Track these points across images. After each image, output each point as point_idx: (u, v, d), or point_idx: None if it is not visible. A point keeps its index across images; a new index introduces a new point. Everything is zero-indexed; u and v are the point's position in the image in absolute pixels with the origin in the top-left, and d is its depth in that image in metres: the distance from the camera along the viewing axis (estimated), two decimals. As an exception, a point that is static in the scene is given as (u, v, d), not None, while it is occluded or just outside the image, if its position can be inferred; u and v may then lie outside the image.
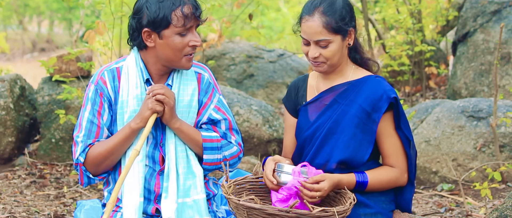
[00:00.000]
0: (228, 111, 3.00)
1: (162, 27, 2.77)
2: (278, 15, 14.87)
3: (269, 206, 2.59)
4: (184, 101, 2.90)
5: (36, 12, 20.50)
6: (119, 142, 2.82)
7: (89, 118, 2.86)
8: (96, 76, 2.92)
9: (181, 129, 2.85)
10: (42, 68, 5.34)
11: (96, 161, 2.83)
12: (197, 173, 2.89)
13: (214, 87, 3.01)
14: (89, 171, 2.86)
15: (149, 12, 2.76)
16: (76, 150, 2.86)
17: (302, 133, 2.96)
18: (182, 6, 2.77)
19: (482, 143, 4.87)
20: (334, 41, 2.83)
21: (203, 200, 2.87)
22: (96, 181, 2.91)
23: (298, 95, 3.05)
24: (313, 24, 2.81)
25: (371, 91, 2.86)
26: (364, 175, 2.85)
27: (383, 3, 8.68)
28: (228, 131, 2.96)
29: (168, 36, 2.78)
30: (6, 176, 5.03)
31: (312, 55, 2.85)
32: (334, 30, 2.82)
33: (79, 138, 2.86)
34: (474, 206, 4.38)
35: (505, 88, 5.95)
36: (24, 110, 5.41)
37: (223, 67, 7.72)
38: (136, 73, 2.87)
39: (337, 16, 2.82)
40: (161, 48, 2.81)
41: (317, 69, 2.91)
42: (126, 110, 2.86)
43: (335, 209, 2.56)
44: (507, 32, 6.09)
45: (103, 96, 2.88)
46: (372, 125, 2.85)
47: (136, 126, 2.79)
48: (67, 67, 5.31)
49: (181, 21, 2.76)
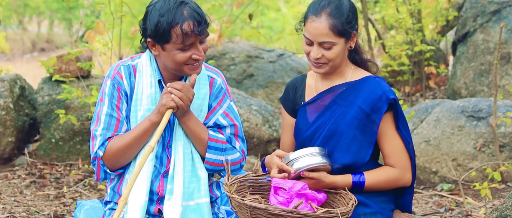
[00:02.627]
0: (237, 118, 2.97)
1: (163, 41, 2.74)
2: (278, 15, 14.86)
3: (274, 206, 2.58)
4: (194, 104, 2.89)
5: (36, 12, 20.50)
6: (138, 135, 2.80)
7: (108, 112, 2.84)
8: (113, 71, 2.90)
9: (187, 123, 2.83)
10: (42, 68, 5.34)
11: (115, 155, 2.81)
12: (201, 176, 2.87)
13: (226, 92, 2.98)
14: (107, 165, 2.84)
15: (150, 24, 2.73)
16: (94, 144, 2.83)
17: (301, 133, 2.96)
18: (181, 23, 2.69)
19: (482, 143, 4.87)
20: (338, 43, 2.82)
21: (207, 204, 2.85)
22: (112, 176, 2.89)
23: (296, 95, 3.04)
24: (320, 26, 2.80)
25: (370, 92, 2.85)
26: (361, 176, 2.84)
27: (383, 3, 8.68)
28: (233, 136, 2.94)
29: (170, 50, 2.75)
30: (6, 176, 5.03)
31: (314, 56, 2.84)
32: (339, 33, 2.80)
33: (97, 132, 2.83)
34: (474, 206, 4.38)
35: (505, 88, 5.95)
36: (24, 110, 5.41)
37: (223, 67, 7.72)
38: (150, 73, 2.86)
39: (344, 19, 2.81)
40: (164, 58, 2.79)
41: (318, 71, 2.89)
42: (140, 108, 2.85)
43: (338, 210, 2.56)
44: (507, 32, 6.09)
45: (121, 91, 2.87)
46: (372, 126, 2.84)
47: (156, 119, 2.78)
48: (67, 67, 5.31)
49: (180, 39, 2.71)
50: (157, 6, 2.72)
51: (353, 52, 2.96)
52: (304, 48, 2.88)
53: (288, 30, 13.72)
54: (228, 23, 6.72)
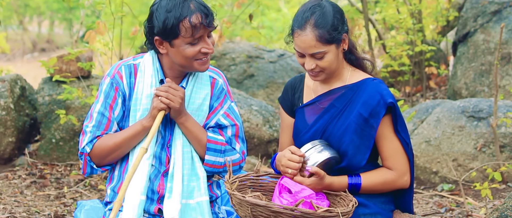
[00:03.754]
0: (238, 119, 2.98)
1: (171, 37, 2.74)
2: (278, 15, 14.86)
3: (274, 203, 2.57)
4: (195, 104, 2.90)
5: (37, 12, 20.51)
6: (129, 137, 2.82)
7: (101, 110, 2.86)
8: (113, 70, 2.91)
9: (185, 124, 2.84)
10: (43, 68, 5.34)
11: (102, 153, 2.84)
12: (200, 175, 2.88)
13: (227, 94, 2.99)
14: (94, 161, 2.86)
15: (158, 21, 2.73)
16: (83, 139, 2.86)
17: (300, 135, 2.95)
18: (190, 16, 2.71)
19: (482, 143, 4.87)
20: (329, 51, 2.79)
21: (206, 202, 2.86)
22: (99, 172, 2.91)
23: (295, 96, 3.03)
24: (306, 39, 2.76)
25: (368, 96, 2.83)
26: (357, 178, 2.84)
27: (383, 3, 8.68)
28: (233, 137, 2.95)
29: (179, 45, 2.76)
30: (7, 176, 5.03)
31: (308, 67, 2.82)
32: (327, 41, 2.77)
33: (88, 128, 2.86)
34: (474, 206, 4.38)
35: (506, 89, 5.95)
36: (25, 110, 5.41)
37: (223, 68, 7.72)
38: (152, 73, 2.87)
39: (329, 27, 2.76)
40: (173, 55, 2.80)
41: (315, 79, 2.88)
42: (139, 108, 2.86)
43: (339, 210, 2.56)
44: (507, 33, 6.09)
45: (118, 91, 2.88)
46: (370, 130, 2.82)
47: (148, 123, 2.79)
48: (68, 68, 5.31)
49: (189, 32, 2.72)
50: (163, 3, 2.73)
51: (347, 53, 2.93)
52: (298, 60, 2.86)
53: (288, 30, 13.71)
54: (229, 24, 6.72)
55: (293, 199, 2.69)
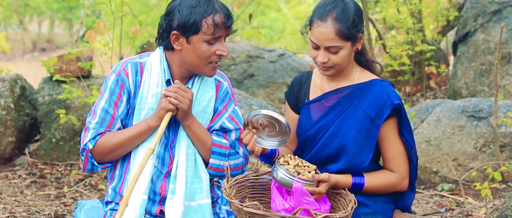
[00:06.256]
0: (241, 122, 2.97)
1: (191, 32, 2.74)
2: (278, 15, 14.87)
3: (272, 212, 2.56)
4: (199, 107, 2.89)
5: (37, 12, 20.51)
6: (133, 136, 2.81)
7: (105, 107, 2.84)
8: (119, 67, 2.90)
9: (191, 127, 2.83)
10: (43, 68, 5.34)
11: (105, 150, 2.82)
12: (203, 177, 2.88)
13: (231, 97, 3.00)
14: (95, 158, 2.85)
15: (180, 15, 2.74)
16: (86, 135, 2.84)
17: (304, 132, 2.95)
18: (214, 14, 2.74)
19: (482, 143, 4.87)
20: (344, 47, 2.80)
21: (208, 205, 2.86)
22: (99, 169, 2.90)
23: (301, 92, 3.03)
24: (326, 30, 2.77)
25: (376, 96, 2.84)
26: (361, 178, 2.84)
27: (383, 3, 8.68)
28: (237, 141, 2.94)
29: (196, 43, 2.76)
30: (7, 176, 5.03)
31: (321, 60, 2.82)
32: (346, 37, 2.78)
33: (91, 125, 2.84)
34: (474, 206, 4.38)
35: (506, 88, 5.95)
36: (25, 110, 5.41)
37: (223, 67, 7.72)
38: (159, 72, 2.86)
39: (350, 23, 2.77)
40: (187, 52, 2.79)
41: (325, 73, 2.88)
42: (144, 106, 2.85)
43: (338, 215, 2.55)
44: (508, 32, 6.09)
45: (123, 88, 2.86)
46: (374, 130, 2.83)
47: (154, 123, 2.78)
48: (68, 67, 5.31)
49: (211, 29, 2.74)
50: (187, 0, 2.75)
51: (358, 54, 2.94)
52: (311, 53, 2.86)
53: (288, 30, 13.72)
54: (229, 23, 6.71)
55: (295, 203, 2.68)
